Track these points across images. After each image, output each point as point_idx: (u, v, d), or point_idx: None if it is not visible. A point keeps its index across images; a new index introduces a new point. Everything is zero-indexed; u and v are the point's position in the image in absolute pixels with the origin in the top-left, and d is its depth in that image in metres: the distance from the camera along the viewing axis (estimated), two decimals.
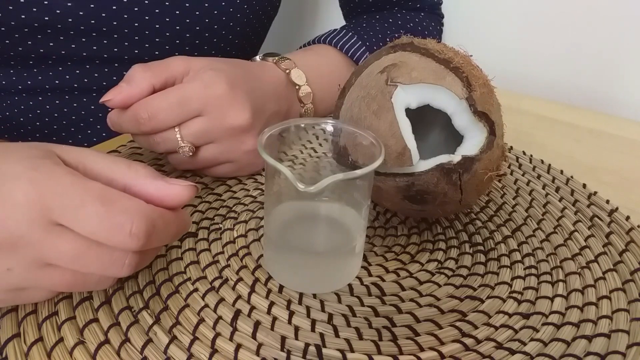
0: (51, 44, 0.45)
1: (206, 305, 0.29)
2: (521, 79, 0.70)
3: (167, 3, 0.46)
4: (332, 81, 0.46)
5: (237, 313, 0.29)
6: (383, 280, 0.32)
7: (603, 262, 0.34)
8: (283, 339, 0.27)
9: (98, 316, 0.28)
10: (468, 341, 0.28)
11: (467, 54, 0.33)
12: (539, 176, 0.45)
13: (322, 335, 0.28)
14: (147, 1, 0.45)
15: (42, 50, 0.45)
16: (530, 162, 0.47)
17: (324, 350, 0.27)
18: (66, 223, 0.24)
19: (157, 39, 0.47)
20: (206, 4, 0.47)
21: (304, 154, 0.43)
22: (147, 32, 0.46)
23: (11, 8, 0.42)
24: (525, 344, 0.28)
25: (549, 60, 0.69)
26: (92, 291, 0.29)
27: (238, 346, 0.27)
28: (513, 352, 0.27)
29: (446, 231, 0.37)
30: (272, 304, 0.30)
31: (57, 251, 0.24)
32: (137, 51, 0.48)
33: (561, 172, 0.45)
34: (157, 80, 0.36)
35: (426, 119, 0.36)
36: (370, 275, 0.33)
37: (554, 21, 0.67)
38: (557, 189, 0.43)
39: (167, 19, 0.46)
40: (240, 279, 0.31)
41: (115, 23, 0.45)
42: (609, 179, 0.46)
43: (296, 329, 0.28)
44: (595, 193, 0.42)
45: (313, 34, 0.56)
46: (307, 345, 0.27)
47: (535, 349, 0.28)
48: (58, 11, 0.43)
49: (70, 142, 0.50)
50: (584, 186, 0.43)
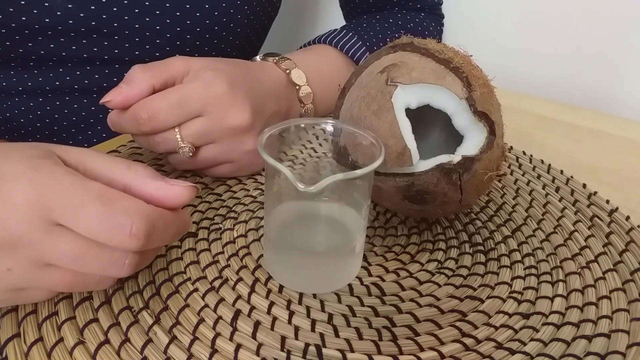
0: (52, 46, 0.45)
1: (206, 305, 0.29)
2: (521, 79, 0.70)
3: (168, 4, 0.46)
4: (332, 81, 0.46)
5: (237, 313, 0.29)
6: (383, 280, 0.32)
7: (603, 262, 0.34)
8: (283, 339, 0.27)
9: (98, 316, 0.28)
10: (468, 341, 0.28)
11: (467, 54, 0.33)
12: (539, 176, 0.45)
13: (322, 335, 0.28)
14: (148, 2, 0.45)
15: (43, 51, 0.45)
16: (530, 162, 0.47)
17: (324, 350, 0.27)
18: (66, 223, 0.24)
19: (158, 41, 0.47)
20: (207, 6, 0.47)
21: (304, 154, 0.43)
22: (148, 34, 0.47)
23: (12, 10, 0.42)
24: (525, 344, 0.28)
25: (549, 60, 0.69)
26: (92, 291, 0.29)
27: (238, 346, 0.27)
28: (513, 352, 0.27)
29: (446, 231, 0.37)
30: (272, 304, 0.30)
31: (57, 251, 0.24)
32: (138, 52, 0.48)
33: (561, 172, 0.45)
34: (157, 80, 0.36)
35: (426, 119, 0.36)
36: (370, 275, 0.33)
37: (554, 21, 0.67)
38: (557, 189, 0.43)
39: (168, 21, 0.46)
40: (240, 279, 0.31)
41: (115, 24, 0.45)
42: (609, 179, 0.46)
43: (296, 329, 0.28)
44: (595, 193, 0.42)
45: (313, 34, 0.56)
46: (307, 345, 0.27)
47: (535, 349, 0.28)
48: (59, 13, 0.43)
49: (70, 143, 0.51)
50: (584, 186, 0.43)
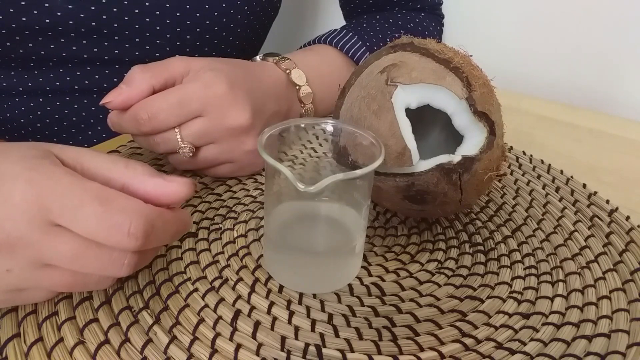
0: (52, 46, 0.45)
1: (206, 305, 0.29)
2: (521, 79, 0.70)
3: (168, 5, 0.46)
4: (332, 81, 0.46)
5: (237, 313, 0.29)
6: (383, 280, 0.32)
7: (603, 262, 0.34)
8: (283, 339, 0.27)
9: (98, 316, 0.28)
10: (468, 341, 0.28)
11: (467, 54, 0.33)
12: (539, 176, 0.45)
13: (322, 335, 0.28)
14: (148, 3, 0.45)
15: (43, 52, 0.45)
16: (530, 162, 0.47)
17: (324, 350, 0.27)
18: (64, 223, 0.24)
19: (158, 41, 0.47)
20: (207, 6, 0.47)
21: (304, 154, 0.43)
22: (148, 34, 0.47)
23: (12, 10, 0.42)
24: (525, 344, 0.28)
25: (549, 60, 0.68)
26: (92, 291, 0.29)
27: (238, 346, 0.27)
28: (513, 352, 0.27)
29: (446, 231, 0.37)
30: (272, 304, 0.30)
31: (56, 252, 0.24)
32: (138, 53, 0.48)
33: (561, 172, 0.45)
34: (157, 80, 0.36)
35: (426, 119, 0.36)
36: (370, 275, 0.33)
37: (554, 21, 0.67)
38: (557, 189, 0.43)
39: (168, 21, 0.46)
40: (240, 279, 0.31)
41: (115, 25, 0.45)
42: (609, 179, 0.46)
43: (296, 329, 0.28)
44: (595, 193, 0.42)
45: (313, 34, 0.56)
46: (307, 345, 0.27)
47: (535, 349, 0.28)
48: (59, 13, 0.43)
49: (70, 143, 0.51)
50: (584, 186, 0.43)
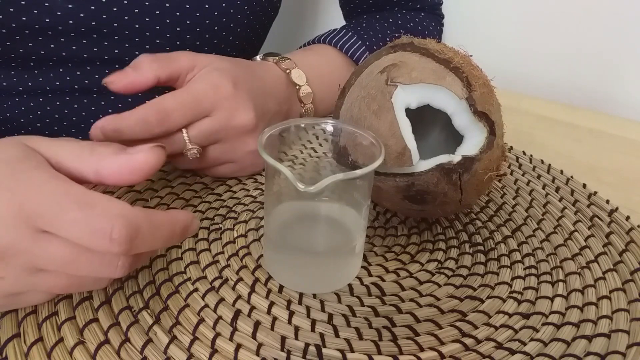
0: (52, 46, 0.45)
1: (206, 305, 0.29)
2: (521, 79, 0.70)
3: (168, 5, 0.46)
4: (332, 81, 0.46)
5: (237, 313, 0.29)
6: (383, 280, 0.32)
7: (603, 262, 0.34)
8: (283, 339, 0.27)
9: (98, 316, 0.28)
10: (468, 341, 0.28)
11: (467, 54, 0.33)
12: (539, 176, 0.45)
13: (322, 335, 0.28)
14: (148, 3, 0.45)
15: (43, 52, 0.45)
16: (530, 162, 0.47)
17: (324, 350, 0.27)
18: (50, 230, 0.24)
19: (158, 41, 0.47)
20: (206, 6, 0.47)
21: (304, 154, 0.43)
22: (148, 34, 0.46)
23: (12, 10, 0.42)
24: (525, 344, 0.28)
25: (549, 60, 0.68)
26: (92, 291, 0.29)
27: (238, 346, 0.27)
28: (513, 352, 0.27)
29: (446, 231, 0.37)
30: (272, 304, 0.30)
31: (48, 257, 0.24)
32: (138, 52, 0.48)
33: (561, 172, 0.45)
34: (163, 72, 0.36)
35: (426, 119, 0.36)
36: (370, 275, 0.33)
37: (554, 21, 0.67)
38: (557, 189, 0.43)
39: (168, 21, 0.46)
40: (240, 279, 0.31)
41: (115, 25, 0.45)
42: (609, 179, 0.46)
43: (296, 329, 0.28)
44: (595, 193, 0.42)
45: (313, 34, 0.56)
46: (307, 345, 0.27)
47: (535, 349, 0.28)
48: (59, 13, 0.43)
49: None
50: (584, 186, 0.43)
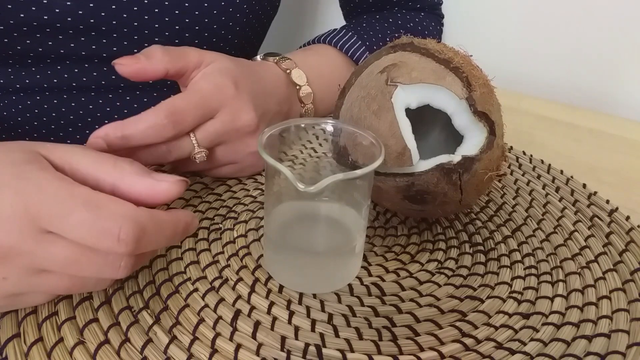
0: (50, 43, 0.45)
1: (206, 305, 0.29)
2: (521, 79, 0.70)
3: (167, 3, 0.46)
4: (332, 81, 0.46)
5: (237, 313, 0.29)
6: (383, 280, 0.32)
7: (603, 262, 0.34)
8: (283, 339, 0.27)
9: (98, 316, 0.28)
10: (468, 341, 0.28)
11: (467, 54, 0.33)
12: (539, 176, 0.45)
13: (322, 335, 0.28)
14: (147, 1, 0.45)
15: (41, 49, 0.45)
16: (530, 162, 0.47)
17: (324, 350, 0.27)
18: (55, 231, 0.24)
19: (157, 39, 0.47)
20: (205, 4, 0.47)
21: (304, 154, 0.43)
22: (147, 32, 0.46)
23: (10, 7, 0.42)
24: (525, 344, 0.28)
25: (549, 60, 0.69)
26: (92, 291, 0.29)
27: (238, 346, 0.27)
28: (513, 352, 0.27)
29: (446, 231, 0.37)
30: (272, 304, 0.30)
31: (51, 258, 0.24)
32: (137, 50, 0.47)
33: (561, 172, 0.45)
34: (172, 66, 0.36)
35: (426, 119, 0.36)
36: (370, 275, 0.33)
37: (554, 21, 0.67)
38: (557, 189, 0.43)
39: (167, 19, 0.46)
40: (240, 279, 0.31)
41: (114, 22, 0.45)
42: (609, 179, 0.46)
43: (296, 329, 0.28)
44: (595, 193, 0.42)
45: (313, 34, 0.56)
46: (307, 345, 0.27)
47: (535, 349, 0.28)
48: (57, 10, 0.43)
49: (68, 142, 0.50)
50: (584, 186, 0.43)
